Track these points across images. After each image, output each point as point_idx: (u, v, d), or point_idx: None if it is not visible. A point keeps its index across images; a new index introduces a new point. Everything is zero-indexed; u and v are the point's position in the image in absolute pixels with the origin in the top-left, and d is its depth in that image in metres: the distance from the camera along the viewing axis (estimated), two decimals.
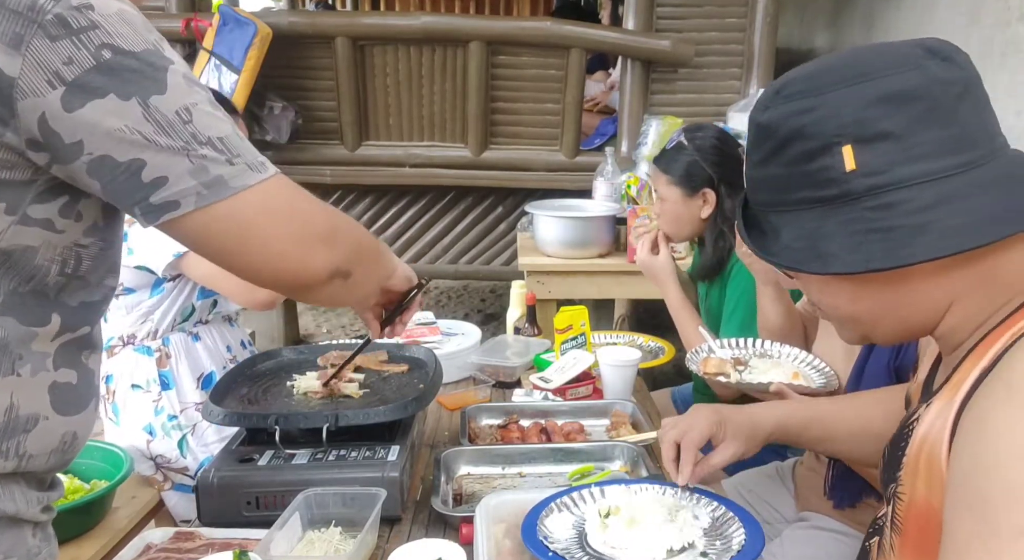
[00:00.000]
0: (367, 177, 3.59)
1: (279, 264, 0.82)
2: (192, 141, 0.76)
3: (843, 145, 0.74)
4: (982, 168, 0.73)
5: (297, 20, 3.40)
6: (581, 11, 5.92)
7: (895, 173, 0.73)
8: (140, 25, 0.76)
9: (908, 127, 0.73)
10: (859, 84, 0.74)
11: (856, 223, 0.74)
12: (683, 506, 1.13)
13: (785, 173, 0.79)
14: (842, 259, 0.75)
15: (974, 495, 0.68)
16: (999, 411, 0.68)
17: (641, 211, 2.68)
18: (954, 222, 0.71)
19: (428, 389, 1.46)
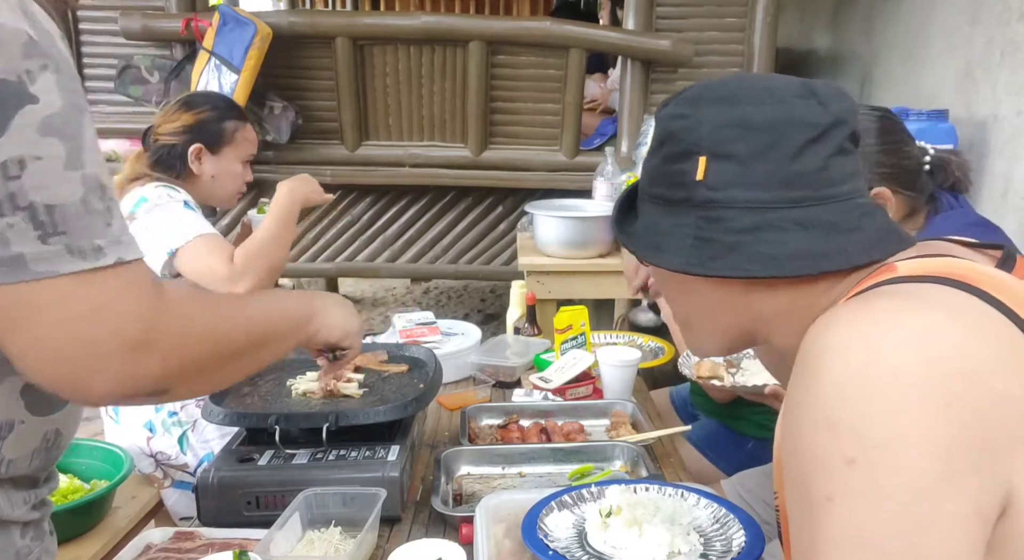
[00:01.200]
0: (367, 177, 3.59)
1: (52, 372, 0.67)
2: (4, 203, 0.62)
3: (700, 155, 0.81)
4: (808, 209, 0.78)
5: (297, 20, 3.40)
6: (580, 11, 5.93)
7: (729, 193, 0.79)
8: (15, 49, 0.62)
9: (750, 155, 0.79)
10: (728, 105, 0.80)
11: (687, 228, 0.81)
12: (683, 507, 1.13)
13: (657, 166, 0.86)
14: (667, 255, 0.83)
15: (791, 476, 0.71)
16: (794, 391, 0.71)
17: None
18: (763, 250, 0.78)
19: (428, 389, 1.47)
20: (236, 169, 2.05)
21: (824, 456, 0.66)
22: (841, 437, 0.65)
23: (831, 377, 0.67)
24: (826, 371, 0.67)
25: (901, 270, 0.75)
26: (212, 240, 1.82)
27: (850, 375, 0.66)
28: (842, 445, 0.65)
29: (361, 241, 3.78)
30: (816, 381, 0.68)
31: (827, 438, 0.66)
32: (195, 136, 1.98)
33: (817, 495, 0.66)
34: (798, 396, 0.70)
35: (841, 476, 0.64)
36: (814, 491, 0.66)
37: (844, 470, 0.64)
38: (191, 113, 2.00)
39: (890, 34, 3.50)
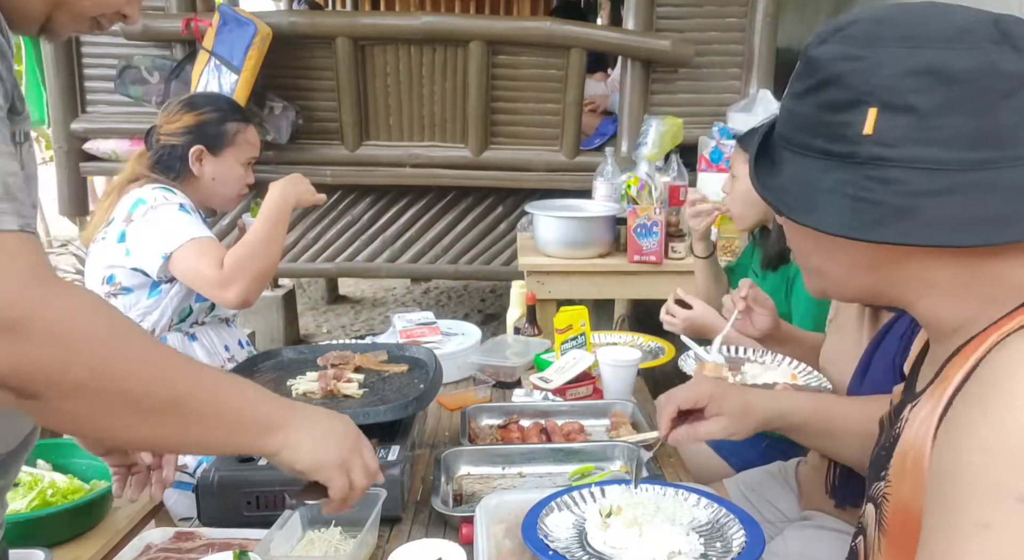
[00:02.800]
0: (367, 177, 3.59)
1: None
2: None
3: (871, 106, 0.71)
4: (997, 171, 0.69)
5: (297, 20, 3.40)
6: (579, 11, 5.93)
7: (904, 150, 0.70)
8: None
9: (936, 108, 0.69)
10: (912, 47, 0.70)
11: (850, 186, 0.73)
12: (684, 507, 1.13)
13: (811, 113, 0.77)
14: (824, 216, 0.74)
15: (943, 492, 0.68)
16: (971, 411, 0.68)
17: (641, 211, 2.69)
18: (936, 216, 0.70)
19: (428, 389, 1.46)
20: (237, 171, 2.04)
21: (993, 485, 0.64)
22: (1018, 473, 0.63)
23: (1016, 413, 0.63)
24: (1014, 400, 0.64)
25: None
26: (203, 244, 1.80)
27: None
28: (1017, 481, 0.62)
29: (361, 241, 3.78)
30: (1000, 408, 0.65)
31: (1001, 468, 0.63)
32: (196, 137, 1.97)
33: (970, 519, 0.64)
34: (975, 415, 0.67)
35: (1006, 510, 0.63)
36: (968, 514, 0.65)
37: (1011, 505, 0.62)
38: (193, 114, 1.99)
39: None
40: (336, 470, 0.95)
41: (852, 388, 1.36)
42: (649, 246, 2.72)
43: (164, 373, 0.77)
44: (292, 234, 3.74)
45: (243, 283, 1.76)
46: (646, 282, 2.83)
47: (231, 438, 0.86)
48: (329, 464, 0.94)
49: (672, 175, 2.92)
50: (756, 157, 0.84)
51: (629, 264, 2.77)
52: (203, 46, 3.17)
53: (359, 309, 5.59)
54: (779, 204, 0.79)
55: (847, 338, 1.50)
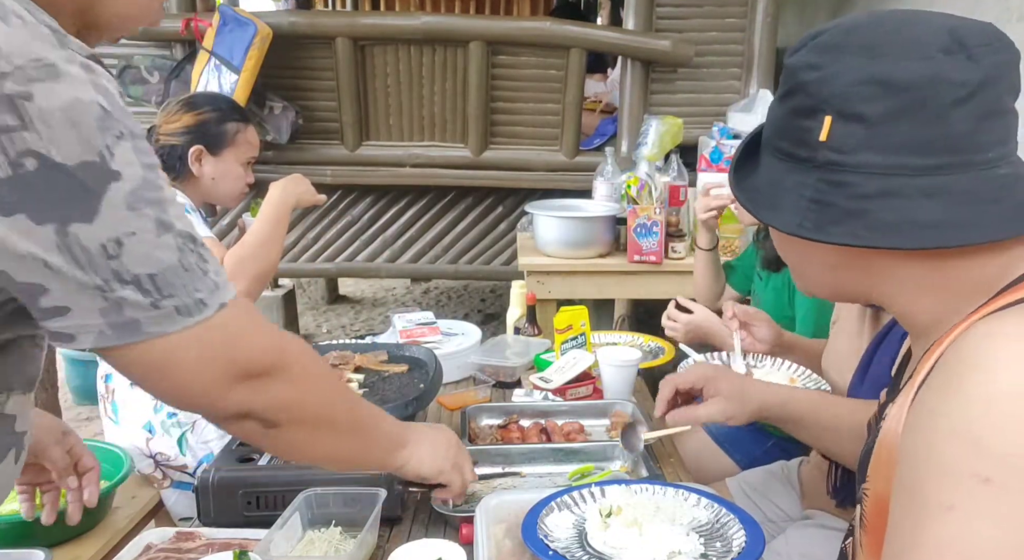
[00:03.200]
0: (367, 177, 3.59)
1: (182, 396, 0.75)
2: (112, 280, 0.63)
3: (826, 113, 0.75)
4: (947, 176, 0.72)
5: (297, 20, 3.40)
6: (579, 11, 5.92)
7: (855, 156, 0.74)
8: (91, 125, 0.61)
9: (884, 116, 0.72)
10: (866, 57, 0.73)
11: (807, 189, 0.77)
12: (684, 507, 1.13)
13: (783, 119, 0.81)
14: (783, 215, 0.78)
15: (908, 477, 0.69)
16: (934, 396, 0.69)
17: (641, 211, 2.69)
18: (887, 218, 0.72)
19: (428, 389, 1.47)
20: (236, 171, 2.03)
21: (955, 467, 0.64)
22: (981, 453, 0.63)
23: (983, 392, 0.64)
24: (979, 385, 0.64)
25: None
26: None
27: (1006, 395, 0.63)
28: (980, 461, 0.63)
29: (361, 241, 3.78)
30: (963, 392, 0.65)
31: (963, 450, 0.64)
32: (196, 137, 1.97)
33: (935, 501, 0.65)
34: (937, 401, 0.68)
35: (969, 491, 0.63)
36: (933, 497, 0.65)
37: (974, 486, 0.63)
38: (192, 114, 1.99)
39: None
40: (453, 472, 1.17)
41: (852, 388, 1.36)
42: (649, 246, 2.72)
43: (349, 400, 0.96)
44: (292, 234, 3.74)
45: (243, 283, 1.76)
46: (646, 282, 2.83)
47: (377, 454, 1.05)
48: (447, 469, 1.16)
49: (672, 175, 2.92)
50: (746, 158, 0.88)
51: (629, 264, 2.77)
52: (203, 46, 3.17)
53: (359, 309, 5.59)
54: (746, 202, 0.84)
55: (849, 340, 1.50)
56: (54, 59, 0.60)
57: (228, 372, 0.74)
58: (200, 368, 0.72)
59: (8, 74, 0.58)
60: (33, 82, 0.59)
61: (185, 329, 0.69)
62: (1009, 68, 0.74)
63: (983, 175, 0.72)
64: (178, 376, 0.72)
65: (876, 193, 0.73)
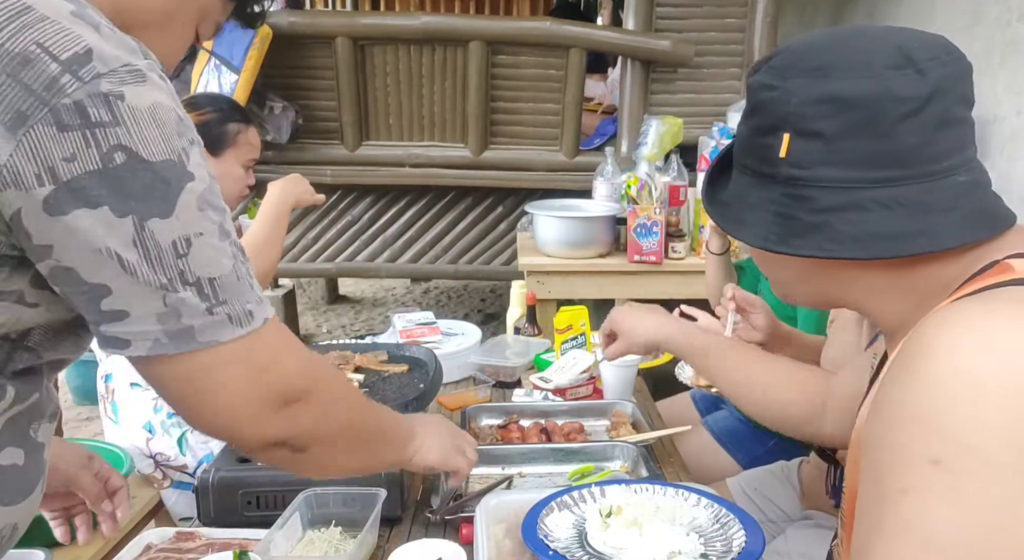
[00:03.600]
0: (367, 177, 3.59)
1: (220, 419, 0.73)
2: (177, 280, 0.66)
3: (785, 131, 0.78)
4: (899, 188, 0.74)
5: (297, 20, 3.40)
6: (579, 11, 5.92)
7: (814, 171, 0.77)
8: (172, 127, 0.66)
9: (840, 132, 0.75)
10: (817, 77, 0.76)
11: (771, 203, 0.80)
12: (684, 507, 1.13)
13: (747, 136, 0.84)
14: (749, 229, 0.82)
15: (869, 466, 0.71)
16: (889, 385, 0.71)
17: (641, 211, 2.69)
18: (843, 230, 0.75)
19: (428, 389, 1.47)
20: (237, 172, 2.03)
21: (909, 451, 0.65)
22: (931, 436, 0.64)
23: (932, 376, 0.65)
24: (929, 369, 0.66)
25: (1020, 270, 0.71)
26: None
27: (955, 376, 0.64)
28: (930, 444, 0.64)
29: (361, 241, 3.78)
30: (915, 379, 0.67)
31: (914, 434, 0.65)
32: None
33: (891, 486, 0.66)
34: (893, 390, 0.69)
35: (922, 474, 0.64)
36: (889, 482, 0.67)
37: (926, 468, 0.64)
38: (195, 114, 1.98)
39: None
40: (457, 456, 1.17)
41: None
42: (649, 246, 2.72)
43: (369, 410, 0.95)
44: (292, 234, 3.74)
45: None
46: (646, 282, 2.83)
47: (392, 452, 1.05)
48: (451, 454, 1.15)
49: (672, 175, 2.92)
50: (719, 173, 0.91)
51: (629, 264, 2.77)
52: (203, 46, 3.17)
53: (359, 309, 5.59)
54: (716, 216, 0.87)
55: (847, 340, 1.50)
56: (141, 66, 0.65)
57: (269, 397, 0.73)
58: (243, 388, 0.72)
59: (104, 75, 0.62)
60: (125, 84, 0.63)
61: (235, 340, 0.69)
62: (959, 80, 0.76)
63: (939, 184, 0.75)
64: (221, 395, 0.71)
65: (835, 206, 0.76)
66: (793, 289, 0.90)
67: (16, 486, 0.75)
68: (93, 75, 0.62)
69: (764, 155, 0.80)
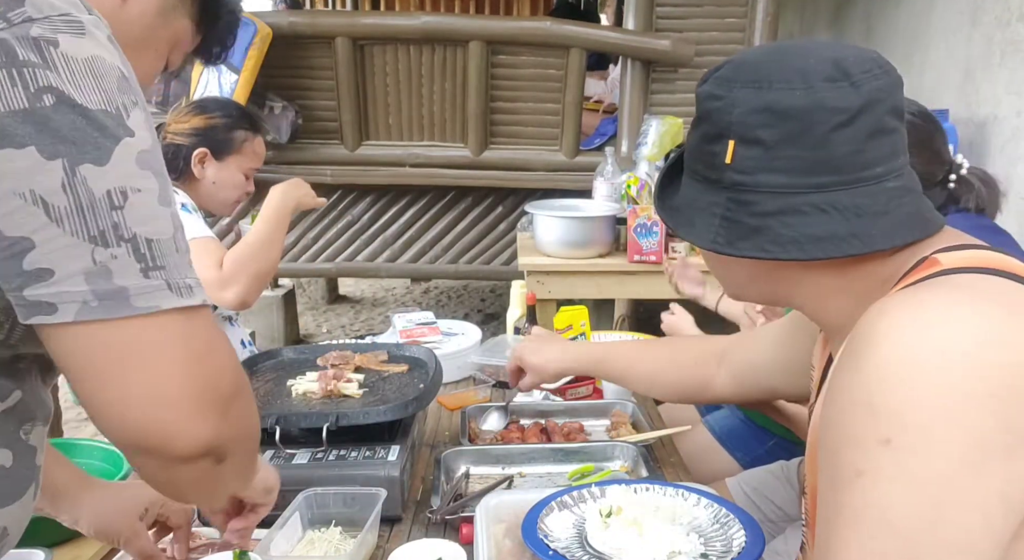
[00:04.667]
0: (367, 177, 3.60)
1: (155, 417, 0.62)
2: (110, 232, 0.60)
3: (730, 139, 0.82)
4: (833, 193, 0.78)
5: (297, 20, 3.40)
6: (578, 11, 5.92)
7: (756, 177, 0.81)
8: (112, 82, 0.61)
9: (778, 141, 0.79)
10: (757, 89, 0.80)
11: (717, 207, 0.84)
12: (684, 507, 1.13)
13: (696, 144, 0.87)
14: (698, 232, 0.86)
15: (824, 453, 0.74)
16: (839, 375, 0.74)
17: (641, 211, 2.68)
18: (783, 233, 0.79)
19: (428, 389, 1.46)
20: (237, 179, 2.04)
21: (859, 434, 0.68)
22: (879, 417, 0.66)
23: (876, 359, 0.68)
24: (872, 355, 0.69)
25: (945, 263, 0.76)
26: (203, 244, 1.79)
27: (896, 359, 0.67)
28: (879, 425, 0.66)
29: (361, 241, 3.78)
30: (862, 363, 0.69)
31: (864, 417, 0.68)
32: (203, 140, 1.97)
33: (847, 470, 0.68)
34: (843, 378, 0.72)
35: (874, 455, 0.66)
36: (844, 466, 0.69)
37: (877, 449, 0.66)
38: (204, 117, 1.99)
39: (890, 34, 3.50)
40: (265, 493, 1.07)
41: None
42: (649, 246, 2.72)
43: None
44: (292, 234, 3.74)
45: (242, 284, 1.76)
46: (646, 282, 2.83)
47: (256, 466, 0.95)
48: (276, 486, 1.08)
49: None
50: (670, 178, 0.95)
51: (629, 264, 2.77)
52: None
53: (359, 309, 5.59)
54: (667, 219, 0.91)
55: None
56: (83, 19, 0.62)
57: (206, 390, 0.64)
58: (180, 377, 0.62)
59: (36, 20, 0.59)
60: (60, 32, 0.60)
61: (175, 311, 0.62)
62: (890, 91, 0.80)
63: (871, 189, 0.79)
64: (155, 381, 0.62)
65: (775, 210, 0.80)
66: (744, 289, 0.95)
67: (3, 488, 0.71)
68: (23, 19, 0.59)
69: (711, 162, 0.84)
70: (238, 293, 1.76)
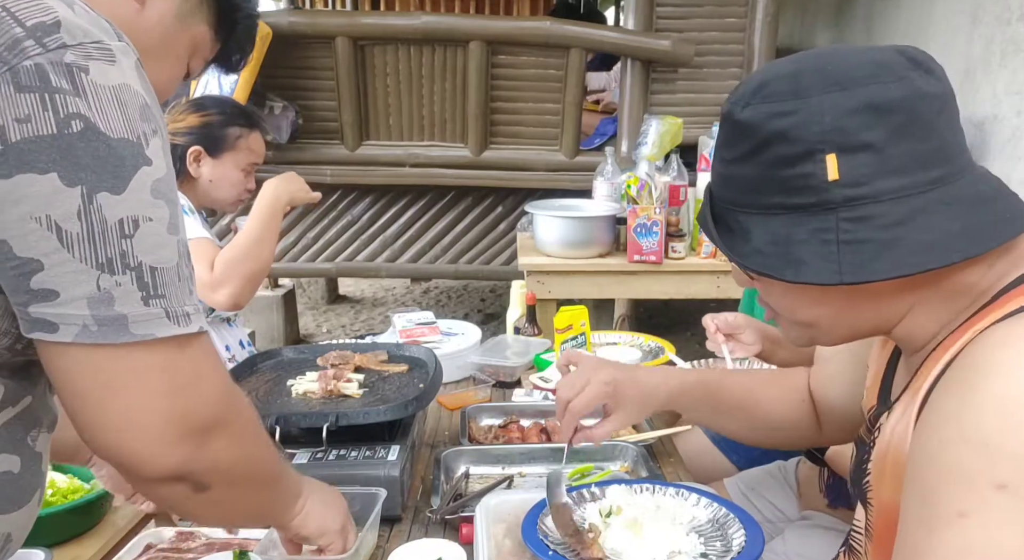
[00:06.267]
0: (367, 177, 3.60)
1: (126, 443, 0.66)
2: (116, 260, 0.62)
3: (827, 153, 0.73)
4: (952, 185, 0.73)
5: (297, 20, 3.40)
6: (578, 11, 5.92)
7: (874, 186, 0.72)
8: (135, 110, 0.64)
9: (888, 139, 0.72)
10: (842, 91, 0.73)
11: (829, 233, 0.73)
12: (684, 507, 1.13)
13: (759, 174, 0.77)
14: (814, 268, 0.74)
15: (920, 483, 0.69)
16: (948, 400, 0.69)
17: (641, 211, 2.69)
18: (922, 239, 0.71)
19: (428, 389, 1.46)
20: (234, 176, 2.02)
21: (967, 473, 0.64)
22: (994, 459, 0.63)
23: (994, 395, 0.64)
24: (990, 388, 0.65)
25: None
26: (197, 245, 1.78)
27: (1017, 399, 0.63)
28: (994, 468, 0.63)
29: (361, 241, 3.78)
30: (974, 398, 0.65)
31: (975, 457, 0.64)
32: (197, 138, 1.96)
33: (948, 508, 0.65)
34: (949, 406, 0.68)
35: (984, 497, 0.63)
36: (945, 504, 0.65)
37: (990, 493, 0.63)
38: (198, 115, 1.99)
39: (890, 34, 3.50)
40: (338, 535, 1.05)
41: None
42: (649, 246, 2.72)
43: (273, 455, 0.86)
44: (292, 234, 3.74)
45: (234, 285, 1.75)
46: (646, 282, 2.83)
47: (279, 506, 0.95)
48: (332, 531, 1.03)
49: (672, 175, 2.92)
50: (717, 228, 0.84)
51: (629, 264, 2.77)
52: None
53: (359, 309, 5.59)
54: (762, 268, 0.78)
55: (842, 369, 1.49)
56: (112, 47, 0.64)
57: (178, 419, 0.66)
58: (155, 403, 0.65)
59: (70, 47, 0.61)
60: (92, 59, 0.62)
61: (171, 338, 0.65)
62: (949, 84, 0.77)
63: (972, 178, 0.75)
64: (132, 406, 0.64)
65: (904, 218, 0.72)
66: (831, 328, 0.83)
67: (10, 494, 0.72)
68: (58, 45, 0.61)
69: (801, 185, 0.74)
70: (229, 295, 1.75)
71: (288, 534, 1.01)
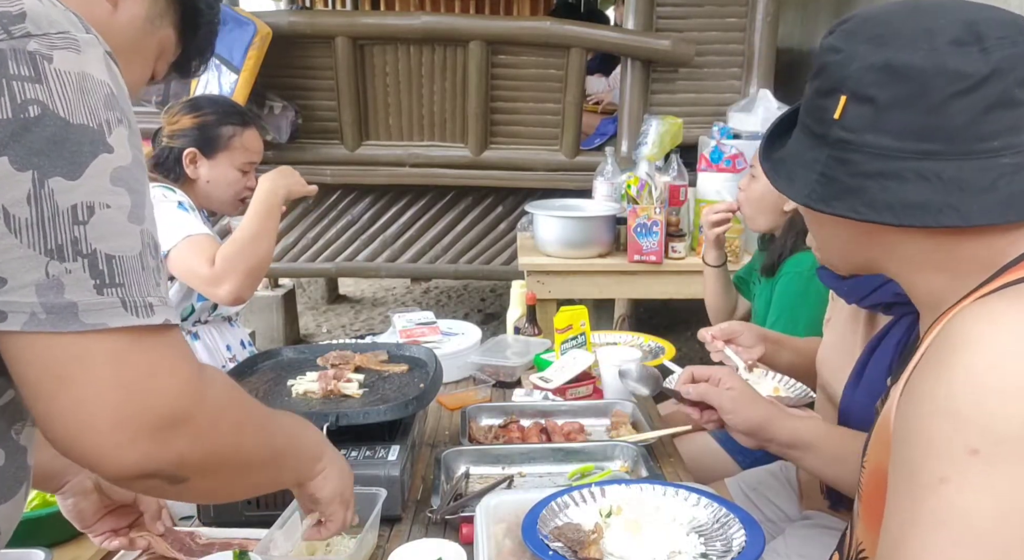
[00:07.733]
0: (367, 177, 3.60)
1: (78, 440, 0.63)
2: (67, 247, 0.60)
3: (842, 94, 0.79)
4: (938, 162, 0.75)
5: (297, 20, 3.40)
6: (578, 11, 5.92)
7: (863, 136, 0.78)
8: (98, 99, 0.63)
9: (891, 102, 0.76)
10: (879, 45, 0.77)
11: (818, 163, 0.82)
12: (683, 507, 1.13)
13: (810, 97, 0.85)
14: (796, 186, 0.84)
15: (903, 454, 0.73)
16: (925, 375, 0.72)
17: (641, 211, 2.69)
18: (880, 196, 0.77)
19: (428, 389, 1.46)
20: (231, 175, 2.01)
21: (944, 442, 0.67)
22: (967, 427, 0.66)
23: (964, 366, 0.67)
24: (961, 362, 0.68)
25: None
26: (197, 241, 1.78)
27: (987, 369, 0.66)
28: (967, 435, 0.66)
29: (361, 241, 3.78)
30: (949, 370, 0.68)
31: (950, 426, 0.67)
32: (192, 140, 1.96)
33: (929, 476, 0.68)
34: (926, 383, 0.71)
35: (960, 463, 0.66)
36: (926, 472, 0.68)
37: (964, 458, 0.65)
38: (192, 116, 1.98)
39: None
40: (343, 507, 1.05)
41: (846, 397, 1.35)
42: (649, 246, 2.72)
43: (269, 433, 0.85)
44: (292, 234, 3.74)
45: (235, 280, 1.74)
46: (646, 282, 2.83)
47: (291, 474, 0.95)
48: (340, 498, 1.03)
49: (672, 175, 2.92)
50: (781, 131, 0.92)
51: (629, 264, 2.77)
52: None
53: (359, 309, 5.59)
54: (769, 171, 0.89)
55: (842, 339, 1.50)
56: (78, 37, 0.64)
57: (129, 416, 0.63)
58: (105, 397, 0.62)
59: (35, 36, 0.61)
60: (56, 48, 0.62)
61: (123, 330, 0.62)
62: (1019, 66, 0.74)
63: (983, 163, 0.74)
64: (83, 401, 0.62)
65: (875, 172, 0.77)
66: (838, 255, 0.92)
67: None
68: (23, 33, 0.61)
69: (820, 116, 0.82)
70: (231, 290, 1.74)
71: (304, 492, 1.01)
